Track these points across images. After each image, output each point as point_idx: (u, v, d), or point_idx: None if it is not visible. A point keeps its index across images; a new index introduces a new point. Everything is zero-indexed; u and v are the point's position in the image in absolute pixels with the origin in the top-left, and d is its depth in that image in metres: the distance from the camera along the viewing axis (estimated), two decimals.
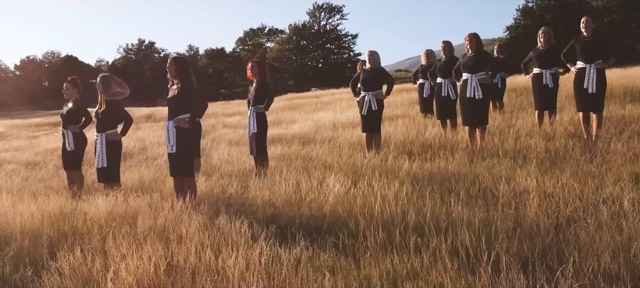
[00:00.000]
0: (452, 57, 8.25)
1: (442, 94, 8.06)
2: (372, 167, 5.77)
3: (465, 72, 6.72)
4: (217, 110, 26.75)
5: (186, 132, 4.89)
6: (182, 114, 4.91)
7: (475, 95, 6.54)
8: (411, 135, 7.60)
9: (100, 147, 5.50)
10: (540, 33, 7.74)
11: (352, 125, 10.64)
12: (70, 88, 6.52)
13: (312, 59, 79.40)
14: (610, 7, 58.97)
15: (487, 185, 4.38)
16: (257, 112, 6.48)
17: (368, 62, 7.27)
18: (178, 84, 4.99)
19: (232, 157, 8.02)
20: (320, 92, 28.89)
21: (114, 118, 5.54)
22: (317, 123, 12.08)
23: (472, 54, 6.73)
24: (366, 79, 7.18)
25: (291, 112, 19.42)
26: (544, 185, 4.26)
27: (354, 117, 12.43)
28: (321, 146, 8.43)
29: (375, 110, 7.06)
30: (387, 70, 7.39)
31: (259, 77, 6.58)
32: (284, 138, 9.96)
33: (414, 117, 10.82)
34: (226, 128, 15.65)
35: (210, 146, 10.65)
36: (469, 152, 6.25)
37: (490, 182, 4.42)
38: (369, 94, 7.09)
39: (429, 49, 10.36)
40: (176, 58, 5.09)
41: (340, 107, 17.06)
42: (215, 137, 13.01)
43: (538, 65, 7.68)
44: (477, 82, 6.58)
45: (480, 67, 6.65)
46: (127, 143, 12.39)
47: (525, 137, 6.58)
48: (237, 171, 6.83)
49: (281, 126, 13.38)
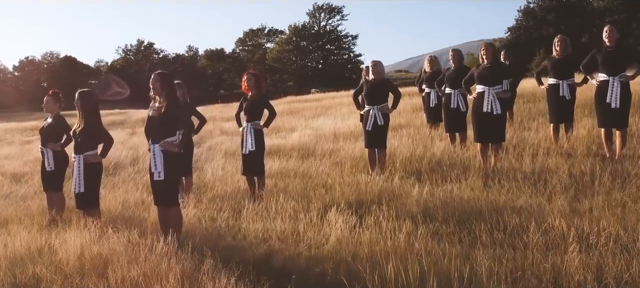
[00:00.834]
0: (462, 66, 7.74)
1: (451, 106, 7.54)
2: (378, 191, 5.26)
3: (481, 84, 6.20)
4: (215, 113, 26.18)
5: (175, 156, 4.38)
6: (169, 136, 4.40)
7: (493, 110, 6.03)
8: (418, 151, 7.08)
9: (77, 170, 4.99)
10: (556, 41, 7.22)
11: (354, 136, 10.13)
12: (51, 102, 6.02)
13: (312, 60, 78.87)
14: (612, 7, 58.44)
15: (513, 226, 3.86)
16: (255, 129, 5.96)
17: (371, 73, 6.74)
18: (163, 102, 4.47)
19: (227, 173, 7.51)
20: (320, 96, 28.35)
21: (93, 138, 5.02)
22: (317, 132, 11.57)
23: (488, 64, 6.21)
24: (370, 91, 6.66)
25: (290, 117, 18.89)
26: (578, 225, 3.72)
27: (355, 126, 11.91)
28: (321, 160, 7.92)
29: (381, 125, 6.54)
30: (392, 80, 6.87)
31: (256, 91, 6.06)
32: (282, 149, 9.45)
33: (419, 127, 10.30)
34: (223, 135, 15.12)
35: (205, 157, 10.13)
36: (482, 173, 5.74)
37: (515, 222, 3.89)
38: (374, 108, 6.57)
39: (433, 56, 9.86)
40: (161, 73, 4.57)
41: (340, 113, 16.54)
42: (212, 145, 12.48)
43: (554, 76, 7.16)
44: (494, 96, 6.07)
45: (498, 80, 6.14)
46: (119, 152, 11.86)
47: (543, 155, 6.06)
48: (231, 191, 6.32)
49: (280, 134, 12.87)
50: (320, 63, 78.27)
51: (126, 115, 33.13)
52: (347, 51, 78.31)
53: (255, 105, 6.00)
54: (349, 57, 78.28)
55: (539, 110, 11.78)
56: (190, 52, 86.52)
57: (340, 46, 77.99)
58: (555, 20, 58.49)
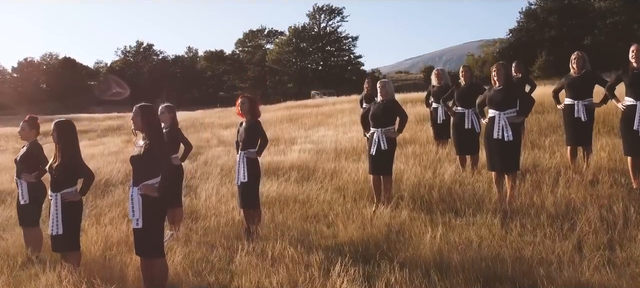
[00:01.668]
0: (473, 84, 7.25)
1: (465, 127, 7.04)
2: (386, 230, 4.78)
3: (492, 108, 5.70)
4: (213, 119, 25.65)
5: (156, 202, 3.89)
6: (151, 178, 3.91)
7: (504, 136, 5.53)
8: (426, 177, 6.59)
9: (54, 209, 4.49)
10: (573, 58, 6.73)
11: (356, 152, 9.65)
12: (26, 128, 5.53)
13: (312, 62, 78.48)
14: (613, 8, 58.04)
15: None
16: (248, 158, 5.46)
17: (379, 94, 6.24)
18: (145, 139, 3.98)
19: (221, 199, 7.02)
20: (320, 101, 27.90)
21: (71, 174, 4.52)
22: (318, 146, 11.08)
23: (499, 86, 5.71)
24: (377, 112, 6.16)
25: (290, 125, 18.40)
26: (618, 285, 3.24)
27: (357, 140, 11.43)
28: (322, 184, 7.44)
29: (385, 149, 6.04)
30: (399, 103, 6.37)
31: (250, 116, 5.56)
32: (281, 168, 8.96)
33: (424, 143, 9.82)
34: (221, 145, 14.62)
35: (199, 175, 9.63)
36: (498, 207, 5.26)
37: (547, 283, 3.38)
38: (379, 132, 6.07)
39: (440, 69, 9.38)
40: (142, 107, 4.07)
41: (341, 122, 16.05)
42: (208, 159, 11.98)
43: (569, 95, 6.67)
44: (506, 121, 5.57)
45: (510, 103, 5.64)
46: (111, 166, 11.37)
47: (564, 185, 5.56)
48: (224, 224, 5.83)
49: (279, 146, 12.37)
50: (320, 64, 77.86)
51: (123, 119, 32.63)
52: (347, 52, 77.92)
53: (250, 131, 5.51)
54: (349, 58, 77.88)
55: (549, 124, 11.31)
56: (189, 53, 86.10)
57: (340, 47, 77.60)
58: (557, 22, 58.03)
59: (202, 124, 24.28)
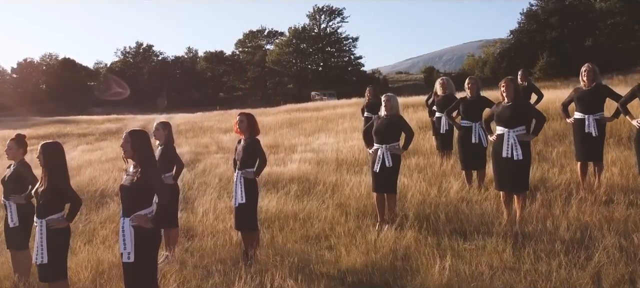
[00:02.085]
0: (480, 96, 7.00)
1: (472, 141, 6.79)
2: (391, 257, 4.53)
3: (501, 125, 5.45)
4: (212, 123, 25.36)
5: (149, 234, 3.64)
6: (143, 208, 3.67)
7: (513, 155, 5.28)
8: (432, 194, 6.35)
9: (39, 237, 4.25)
10: (583, 71, 6.48)
11: (358, 163, 9.40)
12: (14, 147, 5.28)
13: (312, 63, 78.28)
14: (614, 9, 57.82)
15: None
16: (246, 178, 5.21)
17: (384, 108, 5.98)
18: (136, 168, 3.74)
19: (219, 216, 6.78)
20: (321, 104, 27.65)
21: (58, 199, 4.27)
22: (318, 155, 10.83)
23: (508, 102, 5.45)
24: (381, 128, 5.91)
25: (290, 130, 18.16)
26: None
27: (358, 149, 11.19)
28: (323, 200, 7.20)
29: (390, 167, 5.79)
30: (405, 119, 6.10)
31: (248, 134, 5.31)
32: (280, 180, 8.73)
33: (428, 153, 9.59)
34: (220, 151, 14.38)
35: (197, 186, 9.37)
36: (508, 230, 5.02)
37: None
38: (383, 148, 5.82)
39: (445, 78, 9.13)
40: (132, 133, 3.83)
41: (342, 128, 15.80)
42: (206, 167, 11.73)
43: (580, 109, 6.43)
44: (515, 139, 5.32)
45: (520, 120, 5.39)
46: (108, 175, 11.12)
47: (576, 206, 5.32)
48: (221, 245, 5.59)
49: (279, 154, 12.12)
50: (320, 65, 77.65)
51: (123, 122, 32.40)
52: (348, 53, 77.71)
53: (248, 150, 5.25)
54: (349, 59, 77.67)
55: (554, 132, 11.08)
56: (189, 53, 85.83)
57: (340, 48, 77.39)
58: (558, 23, 57.78)
59: (201, 127, 24.04)
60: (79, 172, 12.28)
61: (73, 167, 13.58)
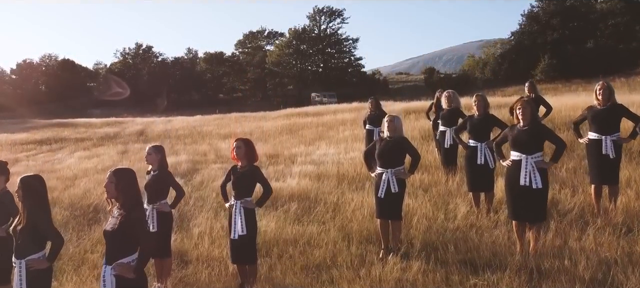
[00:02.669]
0: (487, 114, 6.68)
1: (477, 162, 6.46)
2: None
3: (517, 150, 5.12)
4: (211, 128, 25.04)
5: (132, 283, 3.33)
6: (126, 255, 3.36)
7: (532, 183, 4.96)
8: (438, 220, 6.04)
9: (18, 279, 3.95)
10: (598, 89, 6.16)
11: (360, 178, 9.09)
12: None
13: (313, 64, 78.04)
14: (615, 10, 57.56)
15: None
16: (246, 208, 4.88)
17: (387, 130, 5.65)
18: (120, 210, 3.44)
19: (215, 240, 6.48)
20: (321, 109, 27.33)
21: (38, 238, 3.97)
22: (319, 168, 10.52)
23: (525, 126, 5.12)
24: (384, 151, 5.59)
25: (290, 137, 17.85)
26: None
27: (359, 161, 10.87)
28: (324, 219, 6.90)
29: (396, 192, 5.48)
30: (408, 140, 5.78)
31: (247, 161, 4.99)
32: (280, 196, 8.41)
33: (432, 167, 9.27)
34: (218, 161, 14.06)
35: (193, 201, 9.06)
36: (522, 263, 4.71)
37: None
38: (388, 173, 5.50)
39: (450, 91, 8.81)
40: (117, 172, 3.52)
41: (343, 136, 15.48)
42: (204, 178, 11.42)
43: (595, 129, 6.12)
44: (533, 166, 4.99)
45: (537, 146, 5.07)
46: (101, 189, 10.78)
47: (593, 237, 5.01)
48: (216, 276, 5.29)
49: (278, 165, 11.81)
50: (320, 67, 77.39)
51: (121, 126, 32.10)
52: (348, 54, 77.44)
53: (246, 178, 4.93)
54: (349, 60, 77.43)
55: None
56: (189, 54, 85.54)
57: (340, 49, 77.13)
58: (559, 24, 57.50)
59: (199, 133, 23.74)
60: (73, 183, 12.00)
61: (68, 177, 13.28)
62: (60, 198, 9.99)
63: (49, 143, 24.25)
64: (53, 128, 32.98)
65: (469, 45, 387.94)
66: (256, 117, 28.33)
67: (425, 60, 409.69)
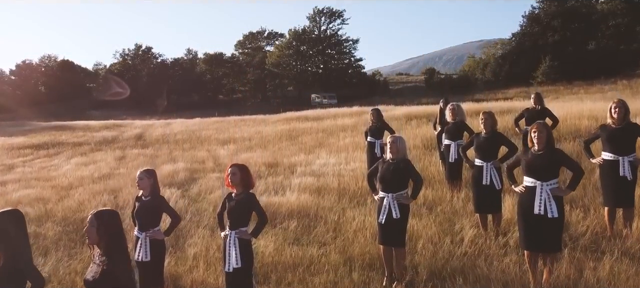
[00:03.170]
0: (495, 133, 6.39)
1: (483, 182, 6.17)
2: None
3: (531, 177, 4.81)
4: (210, 132, 24.71)
5: None
6: None
7: (547, 212, 4.67)
8: (445, 246, 5.75)
9: None
10: (612, 106, 5.87)
11: (361, 193, 8.81)
12: None
13: (313, 65, 77.81)
14: (615, 11, 57.29)
15: None
16: (241, 239, 4.59)
17: (389, 152, 5.36)
18: (101, 257, 3.15)
19: (210, 262, 6.19)
20: (321, 113, 27.02)
21: (16, 278, 3.69)
22: (319, 180, 10.23)
23: (540, 151, 4.83)
24: (386, 175, 5.29)
25: (289, 144, 17.57)
26: None
27: (360, 171, 10.62)
28: (325, 239, 6.63)
29: (397, 218, 5.18)
30: (413, 164, 5.47)
31: (242, 188, 4.70)
32: (278, 212, 8.14)
33: (435, 181, 8.99)
34: (217, 170, 13.75)
35: (190, 215, 8.77)
36: None
37: None
38: (389, 197, 5.21)
39: (455, 104, 8.52)
40: (99, 214, 3.23)
41: (343, 144, 15.18)
42: (201, 189, 11.14)
43: (610, 149, 5.83)
44: (549, 194, 4.70)
45: (553, 172, 4.76)
46: (96, 201, 10.52)
47: (609, 266, 4.73)
48: None
49: (278, 176, 11.52)
50: (320, 68, 77.13)
51: (119, 129, 31.78)
52: (348, 56, 77.18)
53: (241, 206, 4.64)
54: (349, 61, 77.18)
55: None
56: (189, 55, 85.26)
57: (340, 51, 76.88)
58: (560, 26, 57.23)
59: (198, 137, 23.44)
60: (68, 193, 11.72)
61: (63, 186, 13.01)
62: (54, 212, 9.72)
63: (46, 147, 23.98)
64: (51, 131, 32.69)
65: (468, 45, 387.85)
66: (255, 121, 28.02)
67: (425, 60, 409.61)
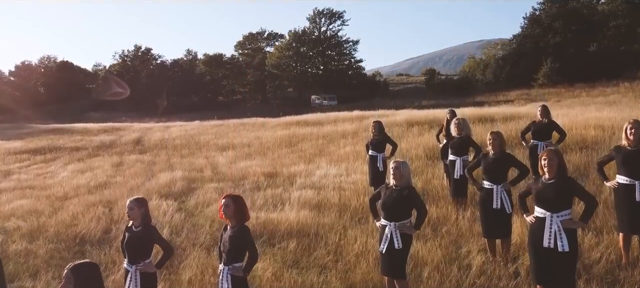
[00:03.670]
0: (504, 153, 6.08)
1: (493, 206, 5.87)
2: None
3: (541, 207, 4.52)
4: (209, 138, 24.36)
5: None
6: None
7: (558, 245, 4.38)
8: (452, 275, 5.46)
9: None
10: (628, 127, 5.58)
11: (362, 209, 8.52)
12: None
13: (313, 66, 77.53)
14: (616, 11, 56.96)
15: None
16: (233, 276, 4.29)
17: (392, 178, 5.07)
18: None
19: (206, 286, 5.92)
20: (321, 117, 26.71)
21: None
22: (319, 194, 9.93)
23: (550, 179, 4.54)
24: (388, 202, 4.99)
25: (289, 152, 17.28)
26: None
27: (361, 184, 10.35)
28: (325, 262, 6.35)
29: (399, 249, 4.89)
30: (417, 192, 5.17)
31: (236, 221, 4.40)
32: (277, 231, 7.87)
33: (439, 197, 8.71)
34: (215, 179, 13.46)
35: (186, 231, 8.48)
36: None
37: None
38: (392, 226, 4.91)
39: (460, 118, 8.23)
40: (74, 269, 2.93)
41: (344, 153, 14.88)
42: (198, 201, 10.85)
43: (625, 173, 5.54)
44: (559, 226, 4.40)
45: (565, 203, 4.46)
46: (90, 215, 10.20)
47: None
48: None
49: (276, 188, 11.23)
50: (320, 69, 76.85)
51: (118, 133, 31.50)
52: (348, 57, 76.91)
53: (234, 240, 4.34)
54: (349, 62, 76.90)
55: (574, 167, 10.19)
56: (188, 56, 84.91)
57: (340, 52, 76.61)
58: (562, 28, 56.88)
59: (197, 143, 23.15)
60: (62, 205, 11.39)
61: (58, 196, 12.68)
62: (46, 226, 9.42)
63: (43, 152, 23.68)
64: (49, 135, 32.40)
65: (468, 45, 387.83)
66: (255, 125, 27.72)
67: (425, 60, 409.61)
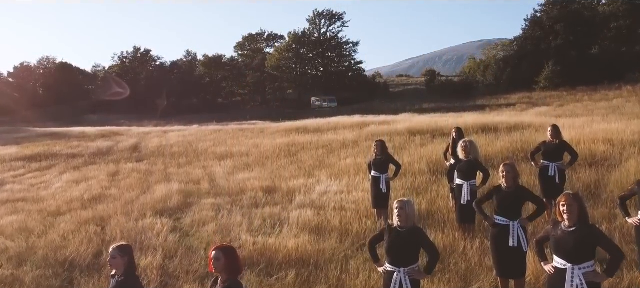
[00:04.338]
0: (518, 187, 5.66)
1: (510, 244, 5.44)
2: None
3: (561, 257, 4.09)
4: (207, 145, 23.93)
5: None
6: None
7: None
8: None
9: None
10: None
11: (364, 234, 8.15)
12: None
13: (312, 68, 77.26)
14: (617, 13, 56.59)
15: None
16: None
17: (397, 219, 4.69)
18: None
19: None
20: (321, 123, 26.36)
21: None
22: (319, 214, 9.55)
23: (570, 226, 4.14)
24: (393, 245, 4.61)
25: (288, 162, 16.88)
26: None
27: (362, 202, 9.98)
28: None
29: None
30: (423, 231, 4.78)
31: (227, 275, 4.01)
32: (275, 259, 7.50)
33: (444, 221, 8.34)
34: (212, 193, 13.07)
35: (180, 255, 8.11)
36: None
37: None
38: (401, 273, 4.53)
39: (467, 140, 7.84)
40: None
41: (345, 166, 14.46)
42: (194, 219, 10.45)
43: None
44: (581, 279, 4.01)
45: (587, 253, 4.05)
46: (82, 235, 9.77)
47: None
48: None
49: (275, 205, 10.86)
50: (320, 70, 76.54)
51: (115, 139, 31.11)
52: (348, 58, 76.61)
53: None
54: (349, 64, 76.60)
55: (584, 185, 9.84)
56: (188, 57, 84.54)
57: (340, 53, 76.31)
58: (563, 30, 56.47)
59: (195, 150, 22.76)
60: (53, 223, 10.97)
61: (51, 211, 12.28)
62: (35, 248, 9.00)
63: (38, 160, 23.29)
64: (45, 140, 32.04)
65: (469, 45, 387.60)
66: (254, 132, 27.35)
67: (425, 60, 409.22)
